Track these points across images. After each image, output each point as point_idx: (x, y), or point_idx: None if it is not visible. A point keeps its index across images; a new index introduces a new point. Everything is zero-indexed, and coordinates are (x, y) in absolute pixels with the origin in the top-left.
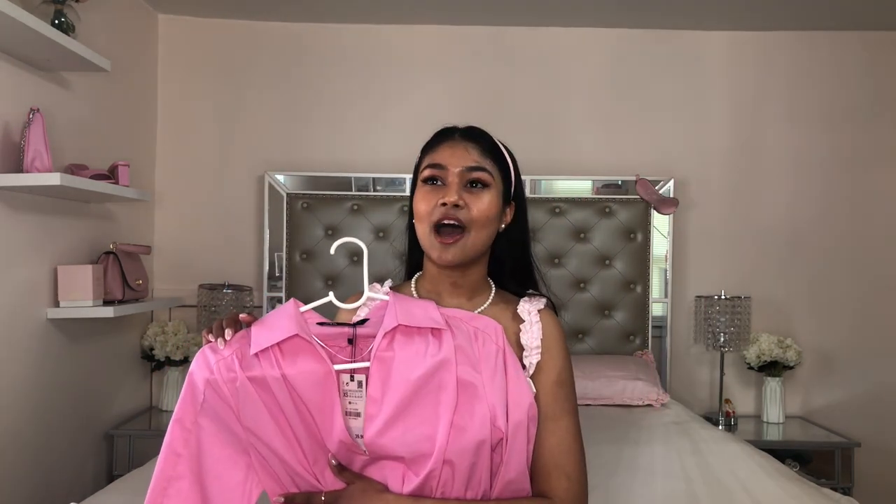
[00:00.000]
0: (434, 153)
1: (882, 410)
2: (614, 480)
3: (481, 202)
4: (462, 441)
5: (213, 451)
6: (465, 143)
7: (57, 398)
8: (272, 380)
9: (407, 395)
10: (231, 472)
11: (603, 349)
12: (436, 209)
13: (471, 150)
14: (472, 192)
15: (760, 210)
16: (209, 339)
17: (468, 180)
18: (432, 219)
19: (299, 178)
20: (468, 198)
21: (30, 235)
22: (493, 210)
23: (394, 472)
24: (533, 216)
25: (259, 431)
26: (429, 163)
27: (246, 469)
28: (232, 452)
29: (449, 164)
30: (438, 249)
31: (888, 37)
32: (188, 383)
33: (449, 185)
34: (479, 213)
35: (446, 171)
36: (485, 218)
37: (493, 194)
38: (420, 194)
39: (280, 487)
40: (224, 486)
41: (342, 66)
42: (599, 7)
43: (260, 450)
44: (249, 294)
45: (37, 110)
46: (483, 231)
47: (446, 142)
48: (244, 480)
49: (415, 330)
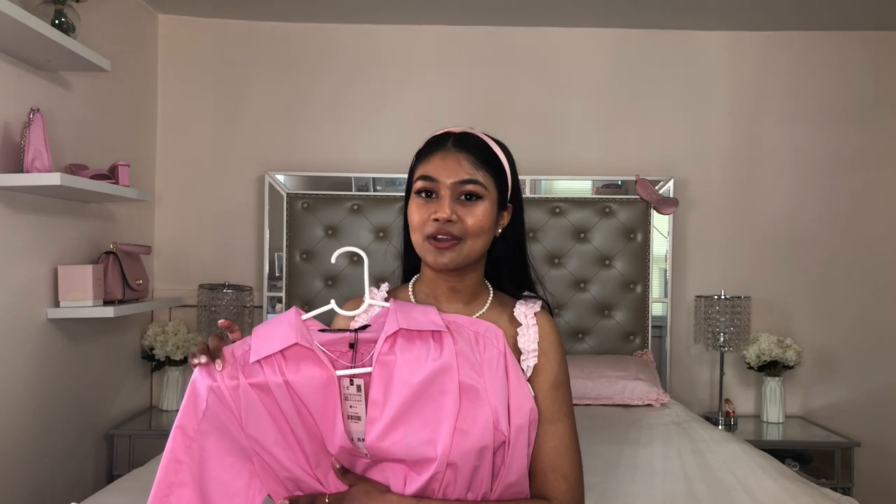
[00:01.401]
0: (427, 164)
1: (882, 410)
2: (614, 480)
3: (474, 215)
4: (465, 445)
5: (215, 457)
6: (457, 155)
7: (57, 398)
8: (275, 385)
9: (408, 398)
10: (234, 478)
11: (603, 349)
12: (429, 223)
13: (463, 162)
14: (464, 205)
15: (760, 210)
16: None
17: (461, 193)
18: (425, 231)
19: (299, 178)
20: (461, 210)
21: (30, 235)
22: (487, 221)
23: (396, 474)
24: (533, 216)
25: (261, 437)
26: (421, 174)
27: (249, 476)
28: (234, 460)
29: (440, 177)
30: (434, 254)
31: (888, 37)
32: (190, 390)
33: (441, 199)
34: (472, 225)
35: (438, 184)
36: (478, 229)
37: (486, 205)
38: (414, 205)
39: (285, 492)
40: (227, 492)
41: (342, 66)
42: (599, 7)
43: (263, 456)
44: (249, 294)
45: (37, 110)
46: (478, 240)
47: (439, 152)
48: (247, 487)
49: (416, 334)
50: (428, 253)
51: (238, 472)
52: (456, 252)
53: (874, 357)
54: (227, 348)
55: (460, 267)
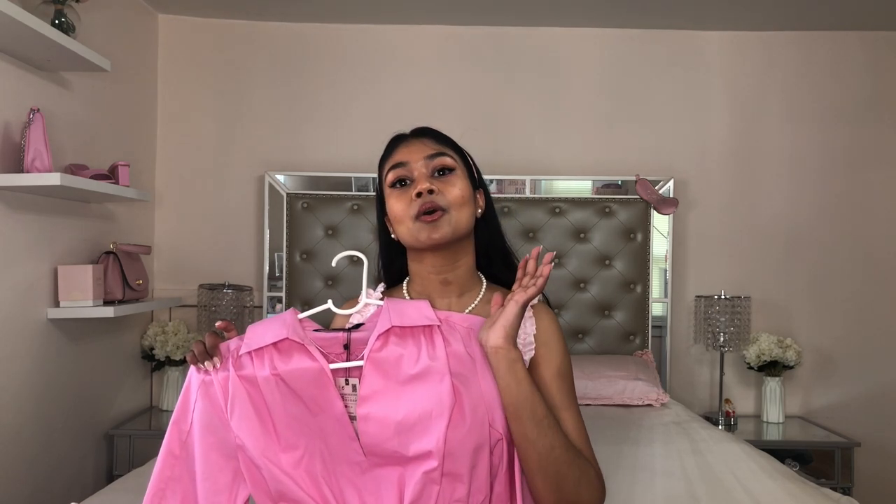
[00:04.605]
0: (392, 156)
1: (882, 410)
2: (614, 480)
3: (453, 186)
4: (460, 442)
5: (202, 452)
6: (419, 139)
7: (57, 398)
8: (262, 379)
9: (401, 397)
10: (218, 475)
11: (603, 349)
12: (412, 204)
13: (427, 142)
14: (441, 180)
15: (760, 210)
16: (203, 367)
17: (434, 169)
18: (411, 213)
19: (299, 178)
20: (439, 185)
21: (30, 235)
22: (467, 190)
23: (390, 475)
24: (533, 216)
25: (243, 432)
26: (390, 165)
27: (233, 473)
28: (219, 457)
29: (410, 159)
30: (427, 230)
31: (888, 37)
32: (185, 385)
33: (417, 179)
34: (454, 196)
35: (410, 167)
36: (460, 198)
37: (460, 176)
38: (392, 199)
39: (265, 492)
40: (213, 487)
41: (342, 65)
42: (599, 7)
43: (247, 453)
44: (249, 294)
45: (37, 110)
46: (463, 209)
47: (401, 144)
48: (232, 482)
49: (409, 332)
50: (420, 232)
51: (222, 470)
52: (445, 223)
53: (874, 357)
54: (223, 345)
55: (453, 241)
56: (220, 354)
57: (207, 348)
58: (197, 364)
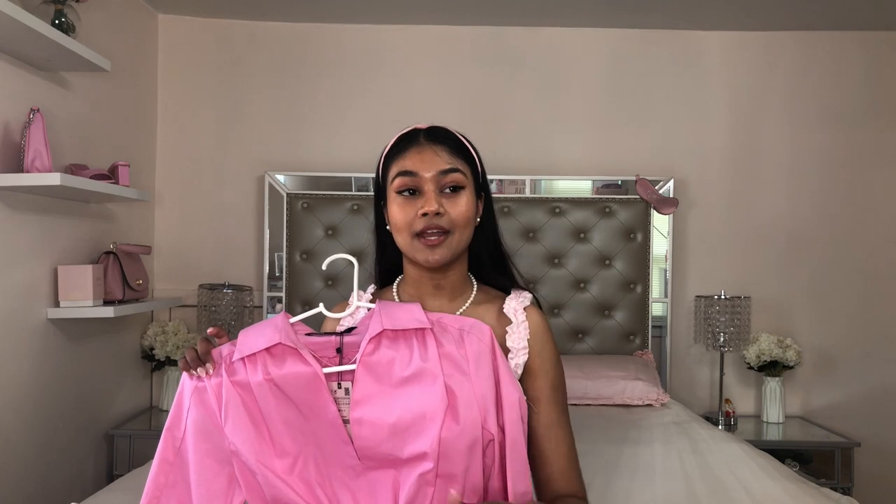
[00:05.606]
0: (402, 160)
1: (882, 410)
2: (614, 480)
3: (459, 206)
4: (453, 445)
5: (197, 459)
6: (432, 146)
7: (57, 398)
8: (255, 385)
9: (394, 399)
10: (213, 480)
11: (603, 349)
12: (416, 220)
13: (440, 153)
14: (448, 197)
15: (760, 210)
16: (195, 374)
17: (444, 185)
18: (413, 229)
19: (299, 178)
20: (446, 203)
21: (30, 235)
22: (471, 210)
23: (385, 478)
24: (533, 216)
25: (238, 438)
26: (399, 171)
27: (228, 479)
28: (213, 463)
29: (421, 171)
30: (425, 252)
31: (887, 37)
32: (178, 392)
33: (425, 194)
34: (459, 216)
35: (419, 179)
36: (465, 220)
37: (468, 194)
38: (395, 205)
39: (260, 498)
40: (207, 493)
41: (342, 66)
42: (599, 7)
43: (241, 458)
44: (249, 294)
45: (37, 110)
46: (465, 231)
47: (413, 147)
48: (226, 488)
49: (401, 334)
50: (418, 252)
51: (217, 476)
52: (446, 247)
53: (874, 357)
54: (215, 350)
55: (451, 260)
56: (212, 360)
57: (199, 354)
58: (189, 371)
